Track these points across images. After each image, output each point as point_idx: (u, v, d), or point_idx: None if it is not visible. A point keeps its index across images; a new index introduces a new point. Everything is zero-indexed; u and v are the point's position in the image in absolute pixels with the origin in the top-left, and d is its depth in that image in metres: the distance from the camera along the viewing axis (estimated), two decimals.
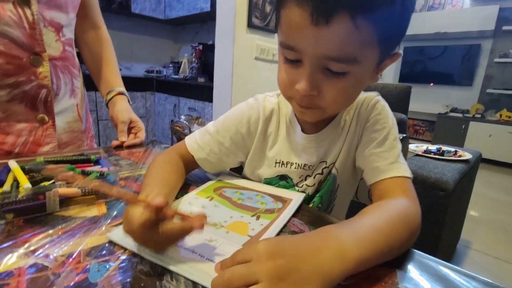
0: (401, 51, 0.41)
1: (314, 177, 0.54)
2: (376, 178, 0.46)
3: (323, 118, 0.48)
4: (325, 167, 0.53)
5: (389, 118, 0.50)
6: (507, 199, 2.53)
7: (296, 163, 0.54)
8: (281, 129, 0.55)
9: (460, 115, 3.97)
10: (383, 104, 0.51)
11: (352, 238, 0.29)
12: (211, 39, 2.85)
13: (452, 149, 1.49)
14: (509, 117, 3.63)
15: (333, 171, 0.53)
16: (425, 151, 1.48)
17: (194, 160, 0.54)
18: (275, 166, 0.55)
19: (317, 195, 0.54)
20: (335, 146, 0.52)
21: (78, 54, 0.73)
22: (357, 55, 0.35)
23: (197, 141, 0.54)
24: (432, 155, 1.41)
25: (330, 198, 0.56)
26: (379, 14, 0.32)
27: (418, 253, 0.35)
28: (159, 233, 0.30)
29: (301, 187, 0.55)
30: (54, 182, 0.42)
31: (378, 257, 0.30)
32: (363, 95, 0.53)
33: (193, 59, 2.86)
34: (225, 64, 1.94)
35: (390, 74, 4.77)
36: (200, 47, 2.80)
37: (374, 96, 0.52)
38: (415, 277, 0.31)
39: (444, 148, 1.50)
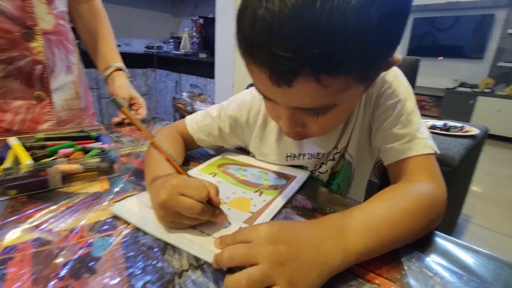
0: (399, 57, 0.34)
1: (326, 164, 0.51)
2: (393, 159, 0.41)
3: None
4: (336, 153, 0.50)
5: (402, 88, 0.43)
6: (511, 175, 2.52)
7: (308, 153, 0.50)
8: None
9: (469, 89, 3.86)
10: (394, 73, 0.44)
11: (358, 232, 0.28)
12: (211, 12, 2.74)
13: (459, 125, 1.46)
14: None
15: (347, 157, 0.50)
16: (431, 126, 1.45)
17: (193, 140, 0.53)
18: (286, 160, 0.52)
19: (334, 182, 0.52)
20: (347, 130, 0.48)
21: (74, 30, 0.70)
22: (333, 102, 0.31)
23: (197, 123, 0.53)
24: (438, 131, 1.39)
25: (349, 183, 0.53)
26: (348, 64, 0.26)
27: None
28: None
29: (314, 173, 0.53)
30: (55, 159, 0.42)
31: (386, 247, 0.29)
32: None
33: (194, 34, 2.76)
34: (226, 38, 1.87)
35: (398, 48, 4.59)
36: (201, 20, 2.69)
37: None
38: (417, 251, 0.31)
39: (451, 123, 1.47)
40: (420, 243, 0.32)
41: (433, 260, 0.29)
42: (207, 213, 0.31)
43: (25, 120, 0.58)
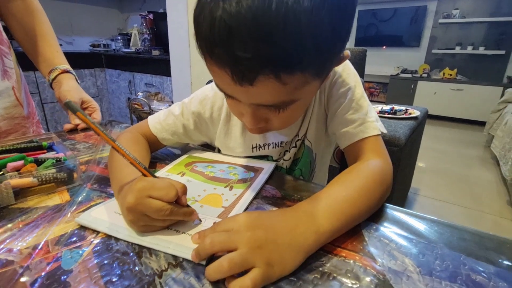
0: (348, 52, 0.37)
1: (290, 151, 0.54)
2: (347, 143, 0.46)
3: None
4: (297, 140, 0.54)
5: (351, 77, 0.48)
6: (449, 149, 2.85)
7: (272, 143, 0.53)
8: None
9: (409, 75, 4.26)
10: (343, 63, 0.46)
11: (325, 215, 0.31)
12: (161, 6, 2.63)
13: (403, 108, 1.61)
14: (450, 74, 3.98)
15: (307, 143, 0.54)
16: (380, 111, 1.58)
17: (157, 140, 0.53)
18: (252, 151, 0.54)
19: (297, 168, 0.55)
20: (306, 118, 0.52)
21: (6, 30, 0.63)
22: (293, 98, 0.33)
23: (160, 122, 0.53)
24: (386, 115, 1.52)
25: (311, 169, 0.57)
26: (305, 62, 0.28)
27: None
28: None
29: (279, 161, 0.55)
30: (3, 174, 0.38)
31: (350, 224, 0.32)
32: None
33: (144, 30, 2.63)
34: (180, 33, 1.81)
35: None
36: (151, 16, 2.57)
37: None
38: (375, 223, 0.34)
39: (397, 107, 1.62)
40: (377, 216, 0.36)
41: (388, 229, 0.33)
42: (177, 213, 0.31)
43: None
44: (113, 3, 3.23)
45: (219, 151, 0.58)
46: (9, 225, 0.33)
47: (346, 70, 0.48)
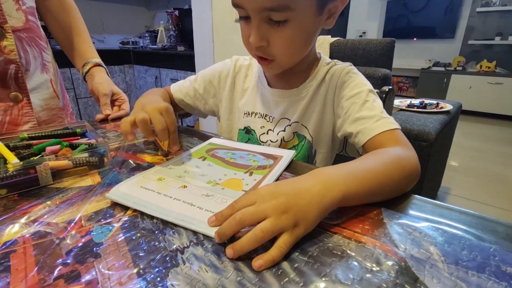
0: None
1: (277, 134, 0.59)
2: (366, 138, 0.47)
3: (284, 69, 0.53)
4: (287, 125, 0.58)
5: (364, 82, 0.53)
6: (486, 147, 2.67)
7: (259, 112, 0.61)
8: (250, 82, 0.64)
9: (442, 68, 4.01)
10: (356, 73, 0.55)
11: (339, 174, 0.32)
12: (187, 3, 2.68)
13: (434, 102, 1.53)
14: (489, 67, 3.70)
15: (308, 137, 0.58)
16: (408, 105, 1.51)
17: (173, 100, 0.68)
18: (243, 117, 0.63)
19: (294, 159, 0.58)
20: (295, 107, 0.57)
21: (44, 29, 0.68)
22: (289, 3, 0.41)
23: (179, 85, 0.69)
24: (415, 109, 1.45)
25: (309, 163, 0.58)
26: None
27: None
28: None
29: (265, 142, 0.59)
30: (42, 156, 0.42)
31: (367, 192, 0.33)
32: (336, 65, 0.56)
33: (170, 27, 2.70)
34: (204, 29, 1.84)
35: (373, 32, 4.68)
36: (176, 12, 2.64)
37: (346, 66, 0.56)
38: (398, 212, 0.33)
39: (427, 101, 1.54)
40: (401, 206, 0.34)
41: (412, 218, 0.32)
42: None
43: (3, 123, 0.57)
44: (141, 1, 3.35)
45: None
46: (48, 202, 0.35)
47: (358, 78, 0.53)
